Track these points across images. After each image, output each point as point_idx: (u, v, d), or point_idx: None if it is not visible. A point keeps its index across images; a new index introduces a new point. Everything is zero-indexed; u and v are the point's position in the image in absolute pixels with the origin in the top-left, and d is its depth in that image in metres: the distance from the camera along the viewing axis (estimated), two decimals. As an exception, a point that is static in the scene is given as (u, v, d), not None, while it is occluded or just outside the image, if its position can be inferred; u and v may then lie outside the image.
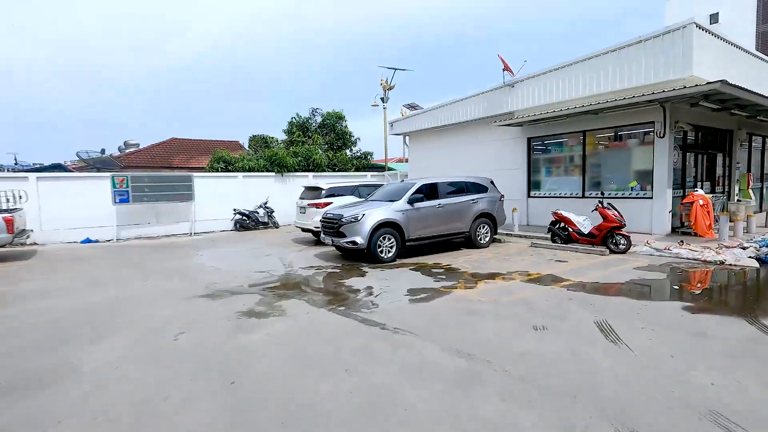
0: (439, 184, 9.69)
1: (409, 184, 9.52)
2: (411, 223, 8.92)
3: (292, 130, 21.22)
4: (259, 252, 10.57)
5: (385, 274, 7.59)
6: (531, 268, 7.64)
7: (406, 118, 17.56)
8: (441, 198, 9.55)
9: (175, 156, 20.27)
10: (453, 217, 9.63)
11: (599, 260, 8.22)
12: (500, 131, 13.98)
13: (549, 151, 12.91)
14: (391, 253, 8.63)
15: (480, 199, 10.15)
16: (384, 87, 22.18)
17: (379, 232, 8.46)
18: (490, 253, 9.52)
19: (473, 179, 10.40)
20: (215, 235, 14.64)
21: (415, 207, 9.01)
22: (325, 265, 8.54)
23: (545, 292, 5.98)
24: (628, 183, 10.75)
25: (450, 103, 15.39)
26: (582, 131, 11.73)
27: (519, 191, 13.40)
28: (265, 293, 6.43)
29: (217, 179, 15.46)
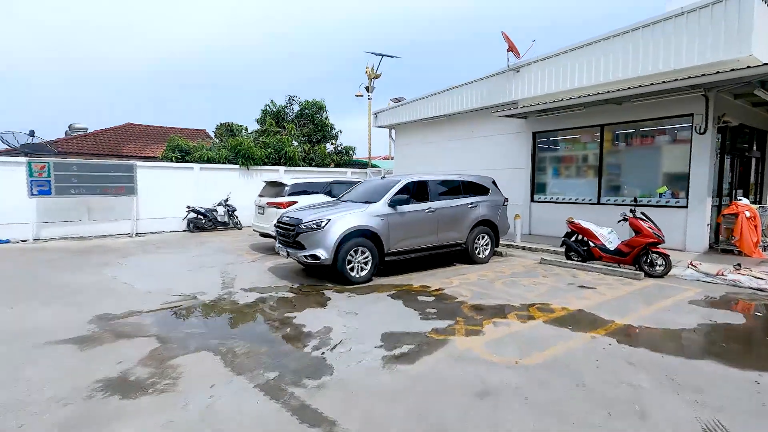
0: (430, 183, 7.66)
1: (391, 181, 7.46)
2: (393, 231, 6.86)
3: (265, 119, 18.96)
4: (202, 262, 8.38)
5: (354, 302, 5.52)
6: (551, 298, 5.66)
7: (393, 107, 15.51)
8: (432, 200, 7.52)
9: (127, 143, 17.80)
10: (446, 225, 7.61)
11: (635, 287, 6.29)
12: (501, 124, 12.05)
13: (557, 148, 11.02)
14: (365, 272, 6.56)
15: (480, 203, 8.16)
16: (369, 75, 20.07)
17: (349, 243, 6.37)
18: (491, 271, 7.53)
19: (472, 178, 8.40)
20: (162, 236, 12.34)
21: (398, 211, 6.95)
22: (277, 286, 6.42)
23: (588, 348, 3.98)
24: (656, 188, 8.90)
25: (443, 91, 13.40)
26: (599, 125, 9.85)
27: (520, 194, 11.48)
28: (168, 337, 4.29)
29: (167, 170, 13.15)
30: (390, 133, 16.73)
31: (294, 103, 19.91)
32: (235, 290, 6.20)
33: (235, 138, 14.51)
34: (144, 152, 16.77)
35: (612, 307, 5.32)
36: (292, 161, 15.80)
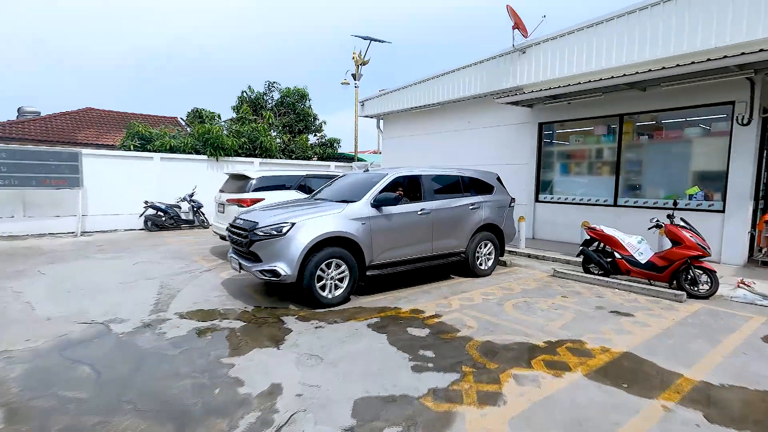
0: (424, 179, 6.23)
1: (376, 175, 6.01)
2: (377, 238, 5.43)
3: (242, 106, 17.32)
4: (144, 271, 6.84)
5: (321, 338, 4.08)
6: (583, 331, 4.30)
7: (381, 94, 14.04)
8: (426, 200, 6.10)
9: (83, 130, 15.99)
10: (443, 230, 6.20)
11: (682, 314, 4.98)
12: (503, 113, 10.68)
13: (567, 141, 9.69)
14: (341, 291, 5.12)
15: (483, 204, 6.77)
16: (356, 62, 18.56)
17: (320, 255, 4.92)
18: (497, 287, 6.16)
19: (474, 174, 7.01)
20: (113, 236, 10.71)
21: (384, 213, 5.52)
22: (225, 308, 4.94)
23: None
24: (685, 189, 7.63)
25: (437, 76, 11.96)
26: (618, 115, 8.54)
27: (524, 193, 10.14)
28: (26, 407, 2.81)
29: (121, 160, 11.48)
30: (378, 124, 15.26)
31: (274, 90, 18.29)
32: (167, 315, 4.70)
33: (202, 125, 12.91)
34: (102, 140, 15.03)
35: (667, 347, 3.97)
36: (268, 152, 14.24)
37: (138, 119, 15.04)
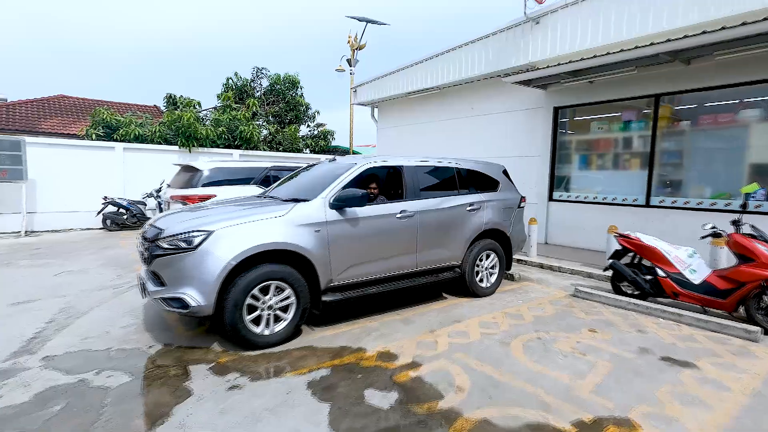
0: (406, 172, 4.75)
1: (343, 165, 4.53)
2: (337, 250, 3.99)
3: (228, 94, 15.93)
4: (61, 284, 5.48)
5: (229, 410, 2.66)
6: (628, 398, 2.83)
7: (375, 79, 12.55)
8: (408, 198, 4.64)
9: (50, 118, 14.70)
10: (432, 238, 4.75)
11: (766, 363, 3.49)
12: (512, 97, 9.16)
13: (588, 128, 8.16)
14: (283, 325, 3.70)
15: (485, 204, 5.30)
16: (352, 46, 17.06)
17: (250, 277, 3.48)
18: (501, 314, 4.70)
19: (474, 165, 5.52)
20: (65, 236, 9.40)
21: (348, 216, 4.07)
22: (117, 352, 3.54)
23: None
24: (741, 187, 6.09)
25: (436, 55, 10.45)
26: (653, 96, 6.99)
27: (536, 190, 8.64)
28: None
29: (77, 150, 10.15)
30: (372, 113, 13.79)
31: (262, 77, 16.86)
32: (32, 361, 3.32)
33: (172, 112, 11.54)
34: (70, 129, 13.77)
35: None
36: (249, 143, 12.84)
37: (110, 106, 13.70)
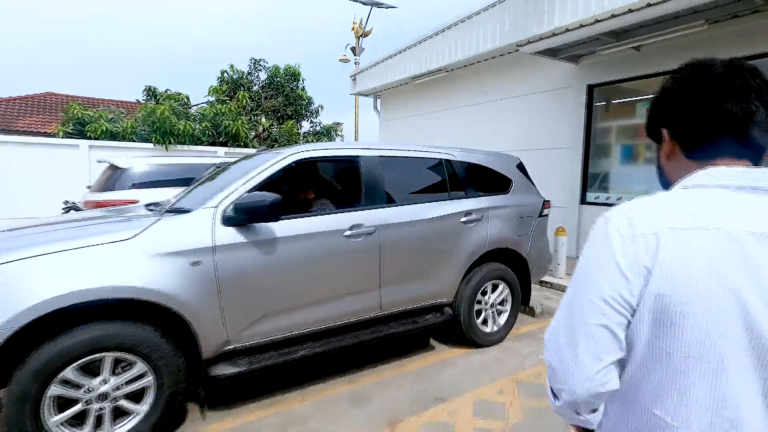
0: (366, 165, 3.10)
1: (265, 158, 2.97)
2: (237, 293, 2.46)
3: (222, 87, 14.70)
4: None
5: None
6: None
7: (376, 63, 10.98)
8: (367, 206, 3.04)
9: (29, 116, 13.84)
10: (404, 266, 3.15)
11: None
12: (533, 75, 7.42)
13: (632, 112, 6.33)
14: (131, 425, 2.19)
15: (490, 213, 3.65)
16: (356, 33, 15.54)
17: (59, 348, 1.99)
18: (512, 383, 3.06)
19: (472, 156, 3.85)
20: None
21: (254, 237, 2.51)
22: None
23: None
24: None
25: (442, 29, 8.78)
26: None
27: (563, 191, 6.87)
28: None
29: (36, 149, 9.01)
30: (375, 104, 12.22)
31: (260, 69, 15.56)
32: None
33: (145, 106, 10.33)
34: (48, 127, 12.84)
35: None
36: (236, 140, 11.50)
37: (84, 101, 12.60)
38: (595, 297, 0.71)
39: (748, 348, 0.63)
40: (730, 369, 0.63)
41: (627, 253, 0.69)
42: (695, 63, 0.80)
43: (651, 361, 0.68)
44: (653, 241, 0.68)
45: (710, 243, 0.65)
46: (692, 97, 0.77)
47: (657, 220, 0.69)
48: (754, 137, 0.73)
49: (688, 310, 0.64)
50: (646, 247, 0.68)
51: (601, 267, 0.71)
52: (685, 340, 0.65)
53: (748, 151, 0.75)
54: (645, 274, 0.67)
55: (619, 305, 0.69)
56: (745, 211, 0.67)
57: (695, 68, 0.79)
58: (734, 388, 0.64)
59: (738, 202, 0.69)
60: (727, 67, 0.75)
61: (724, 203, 0.69)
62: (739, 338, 0.63)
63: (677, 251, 0.66)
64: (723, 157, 0.75)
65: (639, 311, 0.68)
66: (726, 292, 0.63)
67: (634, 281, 0.68)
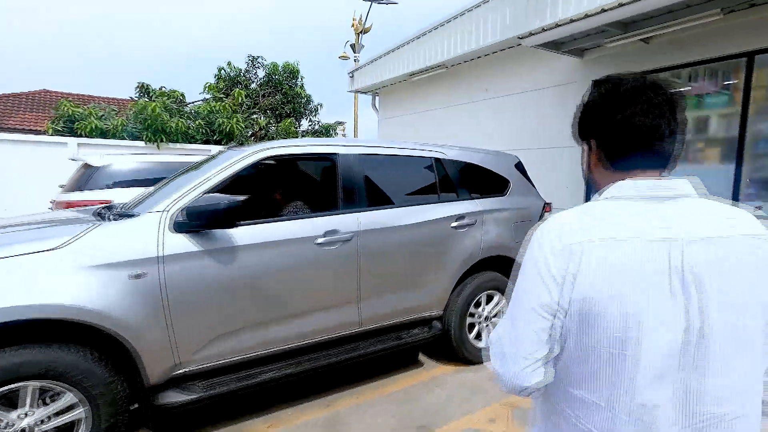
0: (344, 164, 2.78)
1: (228, 156, 2.67)
2: (188, 310, 2.15)
3: (219, 85, 14.44)
4: None
5: None
6: None
7: (374, 59, 10.67)
8: (345, 210, 2.72)
9: (24, 113, 13.61)
10: (386, 276, 2.84)
11: None
12: (535, 71, 7.08)
13: (641, 109, 5.98)
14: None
15: (484, 216, 3.32)
16: (356, 29, 15.25)
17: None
18: (506, 410, 2.73)
19: (465, 155, 3.51)
20: None
21: (209, 245, 2.20)
22: None
23: None
24: None
25: (440, 24, 8.45)
26: (744, 55, 4.79)
27: (566, 193, 6.53)
28: None
29: (23, 147, 8.79)
30: (373, 102, 11.91)
31: (258, 67, 15.27)
32: None
33: (136, 103, 10.08)
34: (41, 125, 12.62)
35: None
36: (230, 138, 11.22)
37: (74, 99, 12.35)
38: (534, 303, 0.78)
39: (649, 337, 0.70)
40: (641, 360, 0.71)
41: (557, 264, 0.76)
42: (611, 79, 0.87)
43: (578, 355, 0.77)
44: (578, 251, 0.75)
45: (622, 251, 0.73)
46: (608, 112, 0.83)
47: (581, 232, 0.76)
48: (662, 148, 0.81)
49: (604, 311, 0.72)
50: (572, 257, 0.75)
51: (537, 276, 0.79)
52: (602, 336, 0.73)
53: (658, 161, 0.82)
54: (572, 281, 0.75)
55: (552, 309, 0.77)
56: (650, 220, 0.75)
57: (611, 84, 0.85)
58: (645, 377, 0.71)
59: (646, 212, 0.76)
60: (634, 85, 0.82)
61: (635, 214, 0.77)
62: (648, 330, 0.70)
63: (596, 260, 0.74)
64: (638, 168, 0.83)
65: (569, 313, 0.76)
66: (634, 292, 0.71)
67: (564, 287, 0.76)
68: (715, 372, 0.71)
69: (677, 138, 0.82)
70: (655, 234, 0.72)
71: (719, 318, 0.70)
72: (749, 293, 0.71)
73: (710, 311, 0.70)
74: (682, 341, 0.70)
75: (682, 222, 0.74)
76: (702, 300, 0.70)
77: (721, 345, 0.70)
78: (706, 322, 0.70)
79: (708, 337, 0.70)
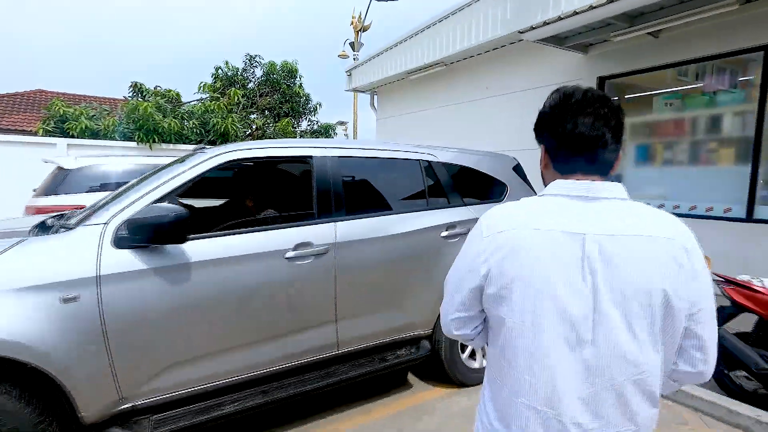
0: (320, 168, 2.51)
1: (192, 159, 2.40)
2: (133, 337, 1.88)
3: (216, 85, 14.19)
4: None
5: None
6: None
7: (371, 57, 10.38)
8: (321, 219, 2.45)
9: (17, 113, 13.40)
10: (367, 293, 2.55)
11: None
12: (537, 68, 6.78)
13: (649, 106, 5.66)
14: None
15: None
16: (355, 27, 14.98)
17: None
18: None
19: (458, 157, 3.21)
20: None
21: (158, 262, 1.93)
22: None
23: None
24: None
25: (439, 20, 8.15)
26: (761, 48, 4.47)
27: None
28: None
29: (5, 147, 8.56)
30: (372, 101, 11.62)
31: (255, 66, 15.01)
32: None
33: (128, 102, 9.85)
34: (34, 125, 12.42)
35: None
36: (226, 138, 10.97)
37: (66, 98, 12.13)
38: (462, 272, 0.96)
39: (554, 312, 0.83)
40: (545, 328, 0.83)
41: (483, 246, 0.91)
42: (562, 91, 0.94)
43: (495, 325, 0.92)
44: (501, 237, 0.89)
45: (535, 239, 0.85)
46: (557, 121, 0.93)
47: (507, 221, 0.90)
48: (602, 156, 0.90)
49: (514, 287, 0.86)
50: (495, 241, 0.89)
51: (468, 253, 0.95)
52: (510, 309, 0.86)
53: (598, 167, 0.91)
54: (491, 261, 0.89)
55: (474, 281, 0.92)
56: (566, 214, 0.86)
57: (562, 96, 0.94)
58: (548, 342, 0.83)
59: (565, 208, 0.88)
60: (582, 97, 0.91)
61: (554, 209, 0.88)
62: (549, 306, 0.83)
63: (513, 244, 0.86)
64: (577, 173, 0.92)
65: (486, 287, 0.90)
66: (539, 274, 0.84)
67: (484, 265, 0.90)
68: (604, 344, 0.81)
69: (618, 147, 0.91)
70: (569, 227, 0.84)
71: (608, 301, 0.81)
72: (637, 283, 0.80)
73: (601, 295, 0.81)
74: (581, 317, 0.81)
75: (596, 219, 0.84)
76: (595, 285, 0.81)
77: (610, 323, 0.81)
78: (598, 303, 0.81)
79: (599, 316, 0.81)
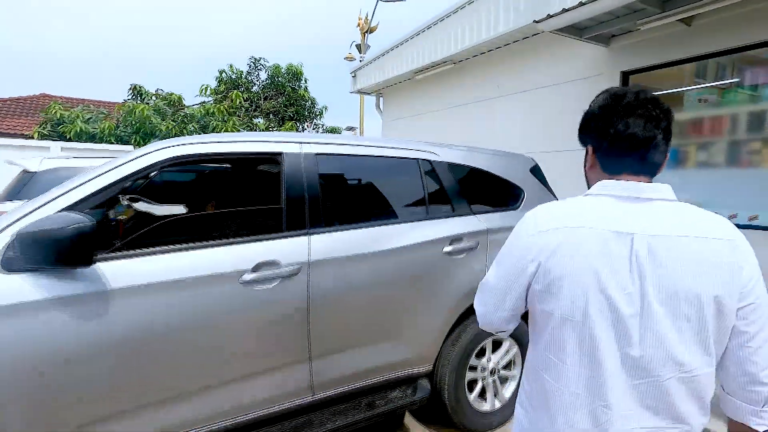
0: (292, 168, 2.04)
1: (118, 160, 1.95)
2: (30, 387, 1.41)
3: (220, 88, 13.92)
4: None
5: None
6: None
7: (377, 57, 9.94)
8: (294, 231, 1.95)
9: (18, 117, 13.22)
10: (350, 323, 2.05)
11: None
12: (554, 63, 6.25)
13: (680, 103, 5.08)
14: None
15: (487, 238, 2.50)
16: (362, 29, 14.58)
17: None
18: None
19: (464, 157, 2.71)
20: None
21: (66, 290, 1.47)
22: None
23: None
24: None
25: (446, 15, 7.67)
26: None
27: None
28: None
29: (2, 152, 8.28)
30: (378, 103, 11.18)
31: (260, 69, 14.72)
32: None
33: (124, 105, 9.55)
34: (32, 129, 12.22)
35: None
36: (226, 142, 10.59)
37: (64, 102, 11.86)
38: (510, 270, 0.97)
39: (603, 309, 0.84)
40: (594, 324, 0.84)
41: (530, 243, 0.93)
42: (611, 92, 0.98)
43: (541, 320, 0.94)
44: (550, 235, 0.91)
45: (584, 237, 0.87)
46: (607, 122, 0.94)
47: (555, 220, 0.92)
48: (652, 157, 0.92)
49: (563, 283, 0.87)
50: (544, 239, 0.91)
51: (515, 251, 0.97)
52: (559, 305, 0.88)
53: (647, 168, 0.93)
54: (541, 258, 0.91)
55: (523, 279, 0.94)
56: (614, 214, 0.88)
57: (612, 97, 0.97)
58: (597, 337, 0.84)
59: (613, 208, 0.90)
60: (635, 98, 0.93)
61: (603, 208, 0.90)
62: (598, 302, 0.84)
63: (562, 242, 0.89)
64: (626, 173, 0.94)
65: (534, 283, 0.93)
66: (589, 271, 0.85)
67: (533, 263, 0.92)
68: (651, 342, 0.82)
69: (667, 148, 0.94)
70: (618, 227, 0.86)
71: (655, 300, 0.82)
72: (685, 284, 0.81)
73: (649, 294, 0.82)
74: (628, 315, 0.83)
75: (644, 219, 0.86)
76: (643, 284, 0.83)
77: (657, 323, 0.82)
78: (645, 302, 0.82)
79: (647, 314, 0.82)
